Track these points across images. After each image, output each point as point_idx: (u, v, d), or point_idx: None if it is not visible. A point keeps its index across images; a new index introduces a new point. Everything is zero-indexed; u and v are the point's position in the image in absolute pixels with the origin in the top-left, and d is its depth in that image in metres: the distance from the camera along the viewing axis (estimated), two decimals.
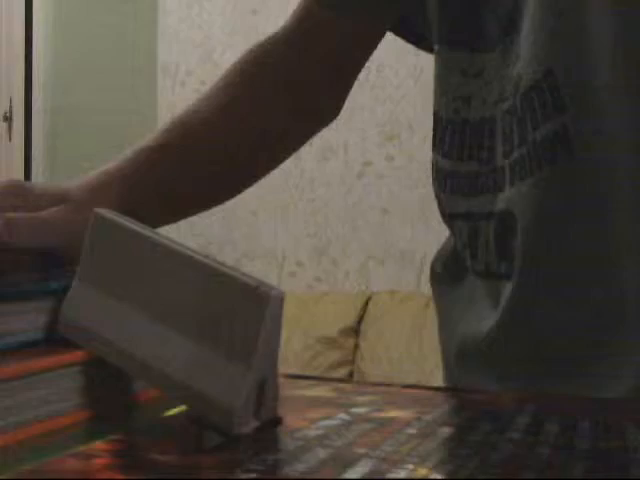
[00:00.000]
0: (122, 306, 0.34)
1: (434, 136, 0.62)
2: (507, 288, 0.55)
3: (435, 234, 2.84)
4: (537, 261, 0.53)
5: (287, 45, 0.69)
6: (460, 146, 0.59)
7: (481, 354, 0.58)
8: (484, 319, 0.58)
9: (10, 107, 3.15)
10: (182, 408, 0.36)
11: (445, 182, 0.61)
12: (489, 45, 0.58)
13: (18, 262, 0.47)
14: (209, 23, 3.20)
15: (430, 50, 0.67)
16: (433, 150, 0.62)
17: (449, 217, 0.61)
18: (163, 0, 3.28)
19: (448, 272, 0.65)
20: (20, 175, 3.08)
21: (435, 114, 0.62)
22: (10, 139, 3.16)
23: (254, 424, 0.32)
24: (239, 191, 0.69)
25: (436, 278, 0.67)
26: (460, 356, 0.61)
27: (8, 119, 3.16)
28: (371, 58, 2.85)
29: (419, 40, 0.69)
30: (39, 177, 3.06)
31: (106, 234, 0.35)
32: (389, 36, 0.70)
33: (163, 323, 0.33)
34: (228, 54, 3.17)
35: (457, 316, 0.63)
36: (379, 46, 0.69)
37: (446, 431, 0.33)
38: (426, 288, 2.83)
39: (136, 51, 3.25)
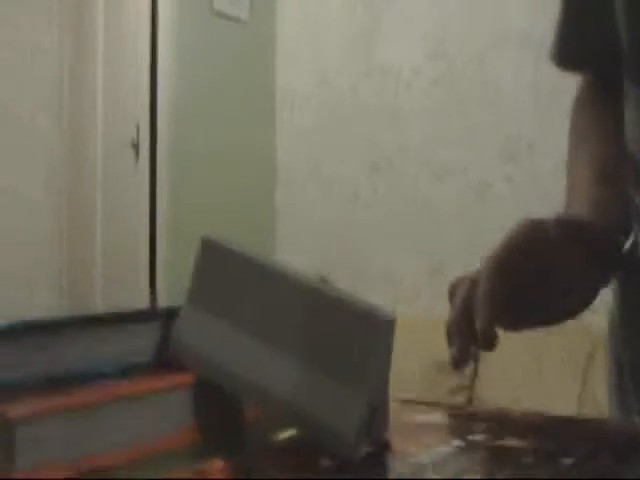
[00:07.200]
0: (232, 329, 0.34)
1: (635, 178, 0.61)
2: None
3: None
4: None
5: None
6: None
7: None
8: None
9: (137, 134, 3.28)
10: (293, 431, 0.36)
11: None
12: None
13: None
14: (324, 45, 3.25)
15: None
16: (632, 191, 0.61)
17: None
18: (281, 25, 3.36)
19: None
20: (146, 199, 3.19)
21: (632, 156, 0.61)
22: (137, 165, 3.28)
23: (366, 449, 0.31)
24: None
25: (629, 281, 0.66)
26: None
27: (135, 146, 3.29)
28: (488, 76, 2.81)
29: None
30: (164, 201, 3.16)
31: (214, 258, 0.35)
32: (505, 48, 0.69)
33: (273, 346, 0.33)
34: (344, 76, 3.20)
35: None
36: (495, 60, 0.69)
37: (566, 462, 0.32)
38: None
39: (254, 75, 3.33)
